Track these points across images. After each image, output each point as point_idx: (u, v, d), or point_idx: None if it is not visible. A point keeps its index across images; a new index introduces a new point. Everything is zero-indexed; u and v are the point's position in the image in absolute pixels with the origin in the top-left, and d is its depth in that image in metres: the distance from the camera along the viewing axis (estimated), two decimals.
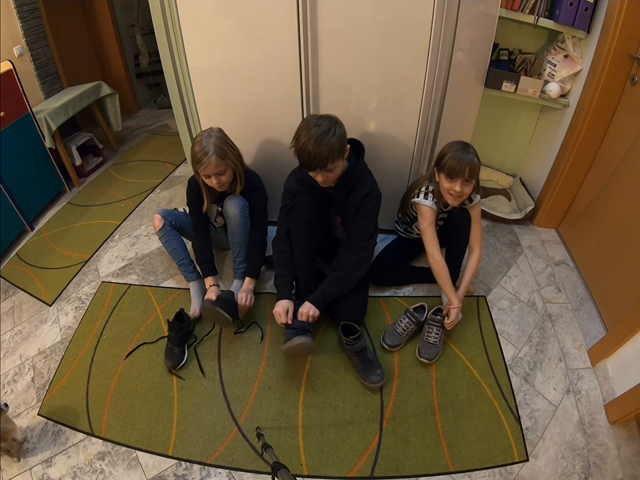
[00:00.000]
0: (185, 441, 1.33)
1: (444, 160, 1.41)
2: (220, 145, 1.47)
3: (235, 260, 1.72)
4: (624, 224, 1.58)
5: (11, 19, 2.40)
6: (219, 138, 1.49)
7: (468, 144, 1.42)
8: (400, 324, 1.54)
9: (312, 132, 1.26)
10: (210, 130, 1.52)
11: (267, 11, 1.46)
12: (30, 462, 1.31)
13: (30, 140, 2.30)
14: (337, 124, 1.31)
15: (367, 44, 1.49)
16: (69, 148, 2.61)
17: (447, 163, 1.40)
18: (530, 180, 2.24)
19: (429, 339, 1.50)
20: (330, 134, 1.27)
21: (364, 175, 1.48)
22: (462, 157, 1.37)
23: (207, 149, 1.45)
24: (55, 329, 1.73)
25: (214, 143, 1.46)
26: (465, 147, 1.40)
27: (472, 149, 1.40)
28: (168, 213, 1.73)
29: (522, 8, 1.70)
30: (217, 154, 1.45)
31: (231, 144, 1.54)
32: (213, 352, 1.58)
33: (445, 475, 1.22)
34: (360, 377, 1.45)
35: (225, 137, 1.53)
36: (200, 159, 1.45)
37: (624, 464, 1.21)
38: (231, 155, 1.51)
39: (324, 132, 1.26)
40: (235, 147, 1.56)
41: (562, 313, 1.68)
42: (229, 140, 1.54)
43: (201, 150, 1.45)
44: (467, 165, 1.36)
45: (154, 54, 3.62)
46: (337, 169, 1.36)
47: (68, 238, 2.24)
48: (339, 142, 1.29)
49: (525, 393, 1.41)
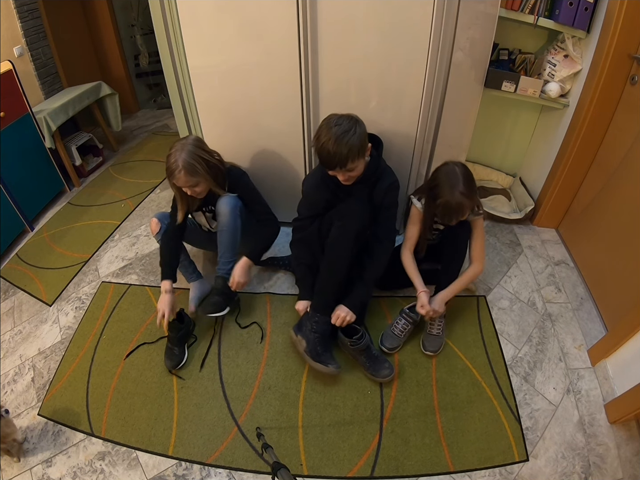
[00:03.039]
0: (185, 441, 1.33)
1: (437, 203, 1.38)
2: (190, 161, 1.40)
3: (220, 260, 1.63)
4: (624, 223, 1.58)
5: (11, 19, 2.40)
6: (190, 152, 1.41)
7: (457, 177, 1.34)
8: (397, 326, 1.55)
9: (332, 132, 1.27)
10: (184, 142, 1.45)
11: (267, 11, 1.46)
12: (30, 462, 1.31)
13: (30, 140, 2.30)
14: (357, 123, 1.31)
15: (367, 44, 1.49)
16: (69, 148, 2.61)
17: (438, 207, 1.38)
18: (530, 180, 2.24)
19: (432, 330, 1.52)
20: (350, 134, 1.27)
21: (385, 168, 1.51)
22: (451, 205, 1.33)
23: (177, 163, 1.39)
24: (55, 329, 1.73)
25: (184, 158, 1.40)
26: (454, 186, 1.33)
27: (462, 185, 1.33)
28: (165, 216, 1.70)
29: (522, 8, 1.70)
30: (186, 170, 1.40)
31: (204, 156, 1.45)
32: (213, 352, 1.58)
33: (445, 475, 1.22)
34: (369, 374, 1.45)
35: (198, 150, 1.44)
36: (172, 171, 1.41)
37: (624, 463, 1.21)
38: (201, 170, 1.43)
39: (345, 132, 1.27)
40: (210, 157, 1.48)
41: (562, 313, 1.68)
42: (203, 151, 1.46)
43: (173, 163, 1.40)
44: (454, 214, 1.36)
45: (154, 54, 3.63)
46: (358, 167, 1.37)
47: (68, 238, 2.24)
48: (359, 142, 1.29)
49: (525, 393, 1.41)
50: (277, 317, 1.70)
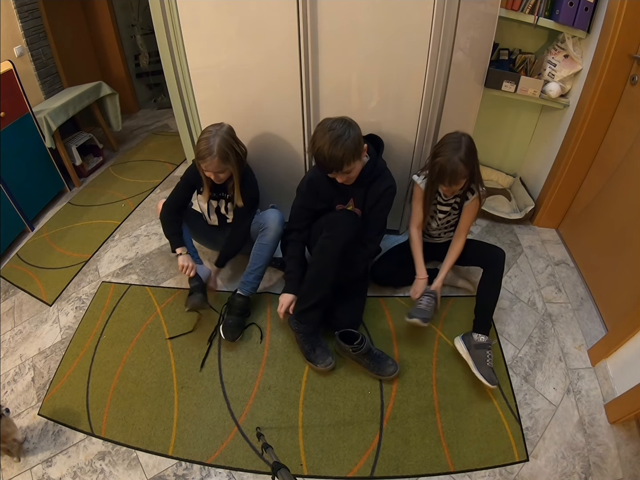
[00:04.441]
0: (185, 441, 1.33)
1: (435, 161, 1.41)
2: (224, 148, 1.44)
3: (249, 272, 1.65)
4: (624, 223, 1.58)
5: (11, 19, 2.40)
6: (224, 140, 1.45)
7: (461, 144, 1.38)
8: (421, 302, 1.53)
9: (327, 136, 1.30)
10: (219, 128, 1.48)
11: (267, 11, 1.46)
12: (30, 462, 1.31)
13: (30, 140, 2.30)
14: (350, 127, 1.33)
15: (367, 44, 1.49)
16: (69, 148, 2.61)
17: (435, 166, 1.41)
18: (531, 180, 2.24)
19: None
20: (344, 138, 1.29)
21: (383, 170, 1.51)
22: (446, 167, 1.37)
23: (212, 149, 1.42)
24: (55, 329, 1.73)
25: (219, 144, 1.43)
26: (455, 150, 1.37)
27: (463, 152, 1.37)
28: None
29: (522, 8, 1.70)
30: (220, 156, 1.44)
31: (236, 146, 1.50)
32: (213, 352, 1.58)
33: (445, 475, 1.22)
34: (374, 374, 1.45)
35: (231, 139, 1.49)
36: (203, 156, 1.44)
37: (624, 463, 1.21)
38: (233, 159, 1.48)
39: (338, 136, 1.29)
40: (241, 147, 1.54)
41: (562, 313, 1.68)
42: (235, 141, 1.51)
43: (206, 148, 1.43)
44: (448, 176, 1.38)
45: (154, 54, 3.63)
46: (356, 168, 1.39)
47: (68, 238, 2.24)
48: (354, 145, 1.32)
49: (525, 393, 1.41)
50: (277, 317, 1.68)
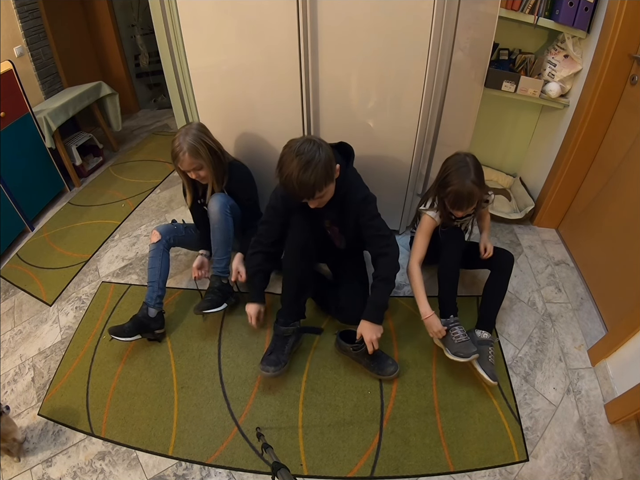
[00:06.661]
0: (185, 441, 1.33)
1: (447, 191, 1.37)
2: (193, 144, 1.48)
3: (214, 258, 1.66)
4: (624, 223, 1.58)
5: (11, 19, 2.40)
6: (194, 135, 1.49)
7: (469, 167, 1.35)
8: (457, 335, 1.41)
9: (294, 163, 1.18)
10: (189, 127, 1.53)
11: (267, 11, 1.46)
12: (30, 462, 1.31)
13: (30, 140, 2.30)
14: (320, 148, 1.21)
15: (367, 44, 1.49)
16: (69, 148, 2.61)
17: (449, 195, 1.37)
18: (530, 180, 2.24)
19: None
20: (314, 162, 1.18)
21: (354, 179, 1.43)
22: (462, 194, 1.33)
23: (182, 146, 1.48)
24: (55, 329, 1.73)
25: (189, 141, 1.48)
26: (466, 175, 1.34)
27: (473, 174, 1.33)
28: (167, 230, 1.68)
29: (522, 8, 1.70)
30: (190, 152, 1.48)
31: (207, 141, 1.53)
32: (213, 352, 1.58)
33: (445, 475, 1.22)
34: (374, 374, 1.45)
35: (201, 134, 1.52)
36: (176, 154, 1.49)
37: (624, 463, 1.21)
38: (204, 153, 1.51)
39: (307, 162, 1.18)
40: (213, 143, 1.55)
41: (562, 313, 1.68)
42: (207, 136, 1.54)
43: (177, 146, 1.49)
44: (465, 202, 1.35)
45: (154, 54, 3.62)
46: (329, 191, 1.30)
47: (68, 238, 2.24)
48: (324, 170, 1.21)
49: (525, 393, 1.41)
50: None
